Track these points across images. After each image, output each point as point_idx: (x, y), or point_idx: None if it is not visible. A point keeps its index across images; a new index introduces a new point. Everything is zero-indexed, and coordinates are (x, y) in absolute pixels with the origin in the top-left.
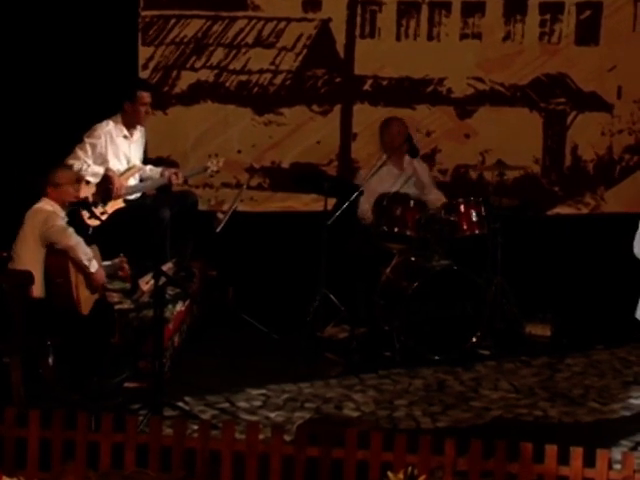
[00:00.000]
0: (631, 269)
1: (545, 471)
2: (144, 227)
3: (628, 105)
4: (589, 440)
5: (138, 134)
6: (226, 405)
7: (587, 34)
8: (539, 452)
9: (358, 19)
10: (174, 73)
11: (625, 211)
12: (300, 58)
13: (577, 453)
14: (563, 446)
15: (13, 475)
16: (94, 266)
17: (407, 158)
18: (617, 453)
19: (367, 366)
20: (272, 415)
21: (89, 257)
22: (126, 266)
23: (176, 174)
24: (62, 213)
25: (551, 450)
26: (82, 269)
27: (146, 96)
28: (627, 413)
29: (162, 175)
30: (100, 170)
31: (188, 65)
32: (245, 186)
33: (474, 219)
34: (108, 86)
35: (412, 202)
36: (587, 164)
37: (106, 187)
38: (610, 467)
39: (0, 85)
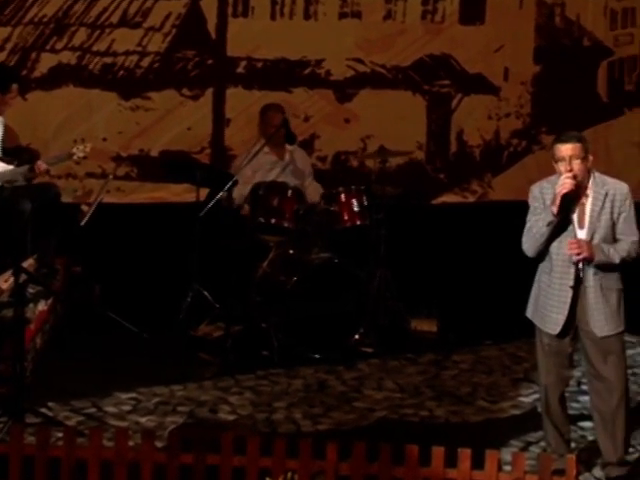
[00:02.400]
0: (520, 260)
1: (432, 474)
2: (2, 221)
3: (515, 87)
4: (477, 441)
5: None
6: (93, 410)
7: (472, 13)
8: (425, 454)
9: None
10: (33, 55)
11: (513, 199)
12: (169, 39)
13: (465, 455)
14: (450, 447)
15: None
16: None
17: (286, 145)
18: (507, 454)
19: (243, 366)
20: (142, 420)
21: None
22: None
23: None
24: None
25: (438, 452)
26: None
27: (17, 88)
28: (517, 412)
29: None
30: None
31: (48, 47)
32: (111, 176)
33: (355, 209)
34: None
35: (290, 191)
36: (473, 150)
37: None
38: (500, 469)
39: None
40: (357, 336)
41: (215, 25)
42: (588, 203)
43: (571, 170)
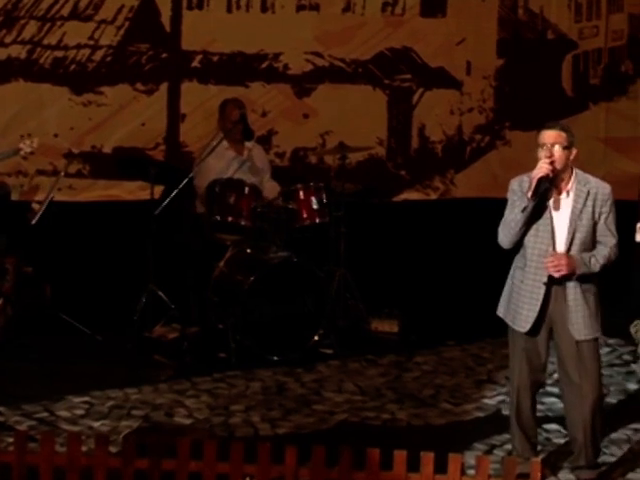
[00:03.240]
0: (483, 258)
1: (393, 478)
2: None
3: (478, 81)
4: (440, 444)
5: None
6: (45, 414)
7: (433, 5)
8: (387, 458)
9: None
10: None
11: (477, 196)
12: (122, 32)
13: (428, 458)
14: (413, 451)
15: None
16: None
17: (246, 142)
18: (470, 457)
19: (200, 369)
20: (96, 424)
21: None
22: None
23: None
24: None
25: (400, 456)
26: None
27: None
28: (481, 414)
29: None
30: None
31: None
32: (63, 173)
33: (314, 207)
34: None
35: (247, 189)
36: (435, 145)
37: None
38: (463, 472)
39: None
40: (317, 337)
41: (169, 18)
42: (569, 200)
43: (551, 156)
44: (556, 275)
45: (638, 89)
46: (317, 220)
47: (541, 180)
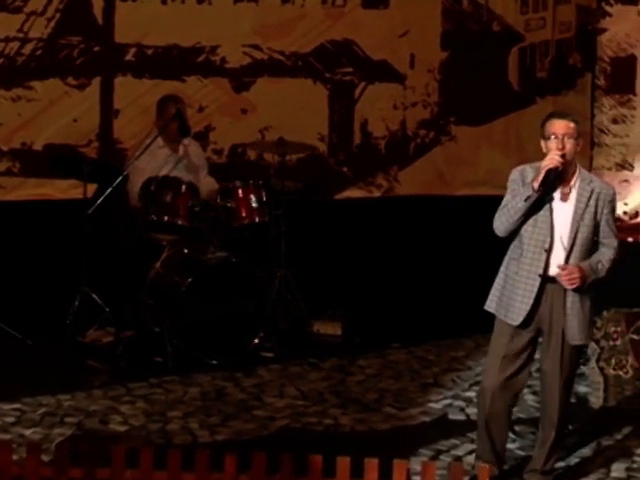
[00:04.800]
0: (429, 257)
1: None
2: None
3: (422, 75)
4: (385, 450)
5: None
6: None
7: None
8: (330, 465)
9: None
10: None
11: (421, 193)
12: (52, 24)
13: (372, 465)
14: (356, 457)
15: None
16: None
17: (182, 138)
18: (416, 463)
19: (135, 374)
20: (27, 432)
21: None
22: None
23: None
24: None
25: (343, 462)
26: None
27: None
28: (426, 419)
29: None
30: None
31: None
32: None
33: (254, 205)
34: None
35: (184, 187)
36: (378, 141)
37: None
38: (408, 479)
39: None
40: (257, 340)
41: (102, 9)
42: (572, 196)
43: (563, 148)
44: (569, 287)
45: (586, 82)
46: (256, 219)
47: (550, 171)
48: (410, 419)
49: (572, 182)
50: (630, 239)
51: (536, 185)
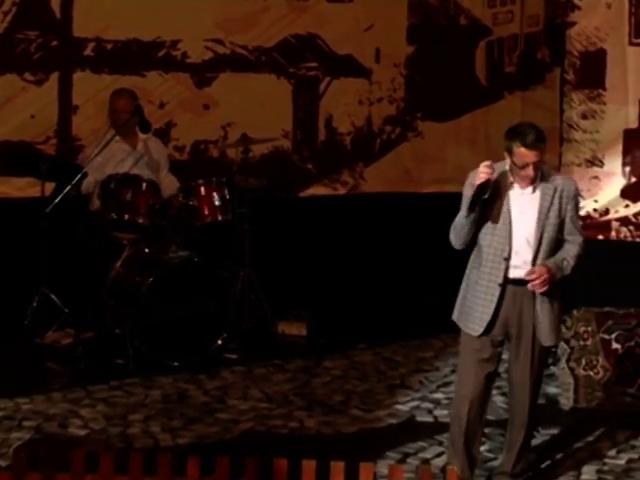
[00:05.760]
0: (394, 256)
1: None
2: None
3: (388, 70)
4: (351, 453)
5: None
6: None
7: None
8: (295, 469)
9: None
10: None
11: (387, 190)
12: (8, 18)
13: (338, 468)
14: (322, 461)
15: None
16: None
17: (140, 134)
18: (383, 467)
19: (96, 376)
20: None
21: None
22: None
23: None
24: None
25: (308, 466)
26: None
27: None
28: (393, 421)
29: None
30: None
31: None
32: None
33: (216, 203)
34: None
35: (144, 185)
36: (344, 137)
37: None
38: None
39: None
40: (220, 341)
41: (60, 3)
42: (536, 197)
43: (534, 177)
44: (540, 291)
45: (555, 77)
46: (219, 217)
47: (481, 186)
48: (377, 421)
49: (535, 182)
50: (600, 237)
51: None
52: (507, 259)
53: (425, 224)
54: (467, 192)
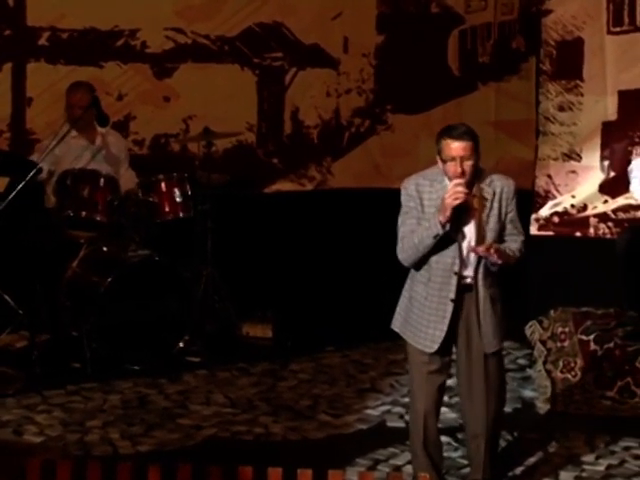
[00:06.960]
0: (364, 254)
1: None
2: None
3: (357, 60)
4: (319, 460)
5: None
6: None
7: None
8: (261, 476)
9: None
10: None
11: (356, 186)
12: None
13: (305, 476)
14: (289, 468)
15: None
16: None
17: (99, 128)
18: (353, 474)
19: (52, 381)
20: None
21: None
22: None
23: None
24: None
25: (274, 473)
26: None
27: None
28: (363, 426)
29: None
30: None
31: None
32: None
33: (178, 200)
34: None
35: (102, 180)
36: (310, 131)
37: None
38: None
39: None
40: (182, 344)
41: None
42: (475, 204)
43: (462, 173)
44: (496, 260)
45: (531, 67)
46: (180, 214)
47: (457, 207)
48: (346, 427)
49: (473, 189)
50: (578, 234)
51: (443, 220)
52: (457, 273)
53: (395, 221)
54: (407, 202)
